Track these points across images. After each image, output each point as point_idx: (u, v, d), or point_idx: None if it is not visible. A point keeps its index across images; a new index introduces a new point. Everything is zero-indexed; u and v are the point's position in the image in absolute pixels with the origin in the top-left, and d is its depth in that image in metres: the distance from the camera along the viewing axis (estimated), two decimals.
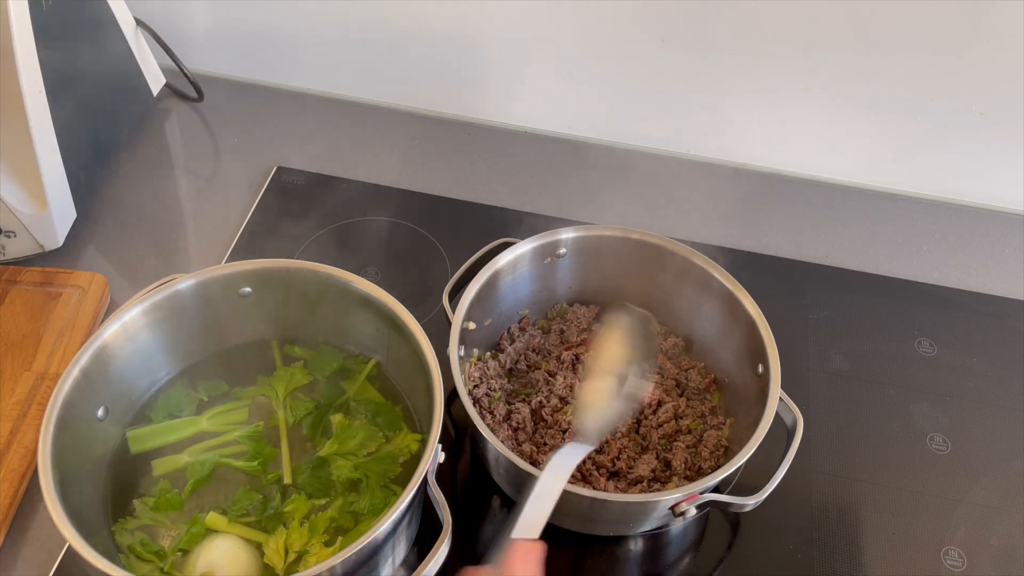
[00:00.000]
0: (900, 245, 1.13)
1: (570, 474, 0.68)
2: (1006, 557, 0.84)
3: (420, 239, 1.08)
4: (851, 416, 0.94)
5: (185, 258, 1.06)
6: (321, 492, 0.76)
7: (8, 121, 0.93)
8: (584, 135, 1.24)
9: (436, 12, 1.14)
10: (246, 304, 0.83)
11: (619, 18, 1.10)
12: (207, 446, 0.79)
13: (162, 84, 1.23)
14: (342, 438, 0.79)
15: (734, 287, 0.85)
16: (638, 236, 0.89)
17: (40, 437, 0.67)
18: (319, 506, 0.76)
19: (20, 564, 0.80)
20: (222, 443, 0.79)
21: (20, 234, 0.98)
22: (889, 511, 0.86)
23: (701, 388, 0.90)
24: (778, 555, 0.83)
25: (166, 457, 0.78)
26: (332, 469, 0.78)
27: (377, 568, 0.71)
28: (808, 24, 1.05)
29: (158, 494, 0.75)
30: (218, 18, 1.23)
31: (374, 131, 1.23)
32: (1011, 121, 1.08)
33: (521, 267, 0.89)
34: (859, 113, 1.12)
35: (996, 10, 0.99)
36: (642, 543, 0.83)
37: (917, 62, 1.06)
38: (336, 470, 0.78)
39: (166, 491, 0.76)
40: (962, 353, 1.00)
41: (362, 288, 0.80)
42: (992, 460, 0.91)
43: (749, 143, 1.20)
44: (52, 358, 0.91)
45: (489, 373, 0.89)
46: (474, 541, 0.83)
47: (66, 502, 0.65)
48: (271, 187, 1.13)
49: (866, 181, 1.20)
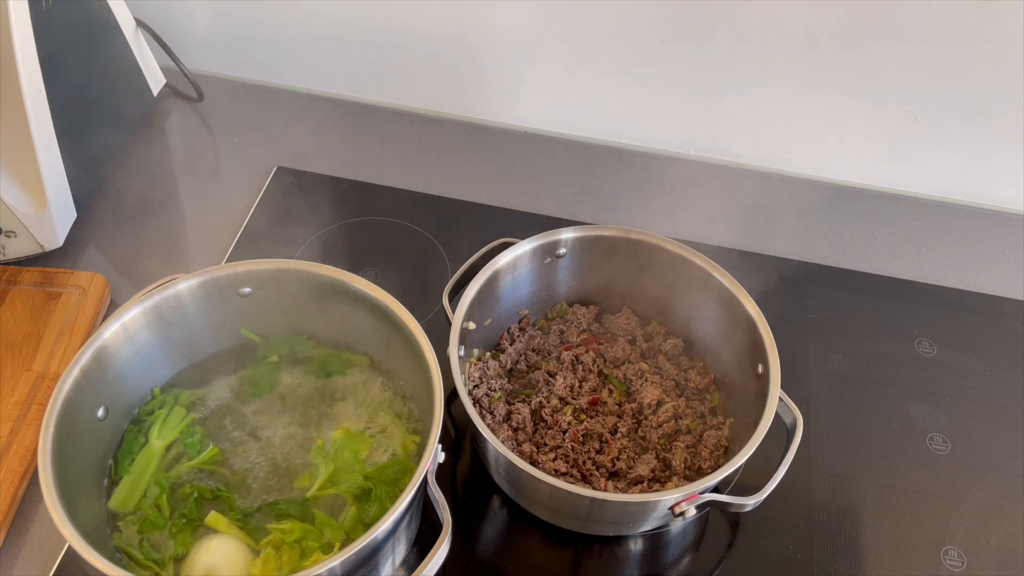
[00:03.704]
0: (900, 245, 1.13)
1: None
2: (1006, 557, 0.84)
3: (420, 239, 1.08)
4: (851, 416, 0.94)
5: (185, 258, 1.06)
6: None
7: (8, 121, 0.93)
8: (584, 135, 1.24)
9: (437, 12, 1.15)
10: (246, 304, 0.83)
11: (619, 18, 1.10)
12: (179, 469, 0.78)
13: (162, 84, 1.23)
14: (336, 458, 0.79)
15: (734, 287, 0.85)
16: (638, 236, 0.89)
17: (40, 437, 0.67)
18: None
19: (20, 564, 0.80)
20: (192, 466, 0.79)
21: (20, 234, 0.98)
22: (889, 511, 0.86)
23: (701, 388, 0.90)
24: (778, 555, 0.83)
25: (121, 492, 0.76)
26: (342, 483, 0.77)
27: (377, 568, 0.71)
28: (808, 24, 1.05)
29: (138, 520, 0.74)
30: (218, 18, 1.23)
31: (374, 131, 1.23)
32: (1011, 121, 1.08)
33: (521, 267, 0.89)
34: (859, 113, 1.12)
35: (996, 10, 0.99)
36: (642, 543, 0.83)
37: (917, 62, 1.06)
38: (346, 479, 0.77)
39: (147, 511, 0.75)
40: (962, 353, 1.00)
41: (362, 288, 0.80)
42: (992, 460, 0.91)
43: (749, 143, 1.20)
44: (52, 358, 0.91)
45: (489, 373, 0.89)
46: (474, 541, 0.83)
47: (66, 502, 0.65)
48: (271, 187, 1.13)
49: (866, 181, 1.20)
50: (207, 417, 0.82)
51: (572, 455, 0.83)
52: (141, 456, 0.78)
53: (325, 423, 0.82)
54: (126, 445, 0.78)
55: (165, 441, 0.79)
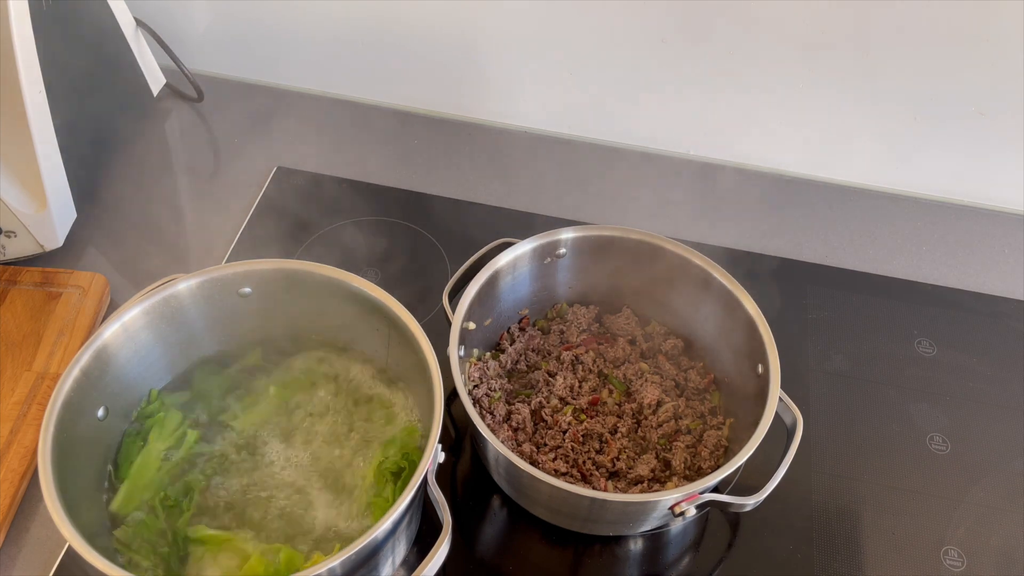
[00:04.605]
0: (900, 245, 1.13)
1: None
2: (1006, 557, 0.84)
3: (420, 239, 1.08)
4: (851, 416, 0.94)
5: (185, 258, 1.06)
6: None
7: (8, 121, 0.93)
8: (584, 135, 1.24)
9: (436, 12, 1.15)
10: (246, 304, 0.83)
11: (619, 18, 1.10)
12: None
13: (162, 84, 1.23)
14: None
15: (734, 287, 0.85)
16: (638, 236, 0.89)
17: (40, 437, 0.67)
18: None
19: (20, 564, 0.80)
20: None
21: (20, 234, 0.98)
22: (889, 511, 0.86)
23: (701, 388, 0.90)
24: (778, 555, 0.83)
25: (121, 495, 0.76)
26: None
27: (377, 568, 0.71)
28: (808, 24, 1.05)
29: (133, 523, 0.74)
30: (218, 18, 1.23)
31: (374, 131, 1.23)
32: (1011, 121, 1.08)
33: (521, 267, 0.89)
34: (859, 113, 1.12)
35: (996, 10, 0.99)
36: (642, 543, 0.83)
37: (917, 62, 1.06)
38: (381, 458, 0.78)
39: (147, 513, 0.75)
40: (962, 353, 1.00)
41: (362, 288, 0.80)
42: (992, 460, 0.91)
43: (749, 143, 1.20)
44: (52, 358, 0.91)
45: (489, 373, 0.89)
46: (474, 541, 0.83)
47: (66, 502, 0.65)
48: (271, 187, 1.13)
49: (866, 181, 1.20)
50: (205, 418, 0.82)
51: (572, 455, 0.83)
52: (139, 459, 0.77)
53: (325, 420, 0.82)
54: (125, 449, 0.78)
55: (163, 444, 0.79)
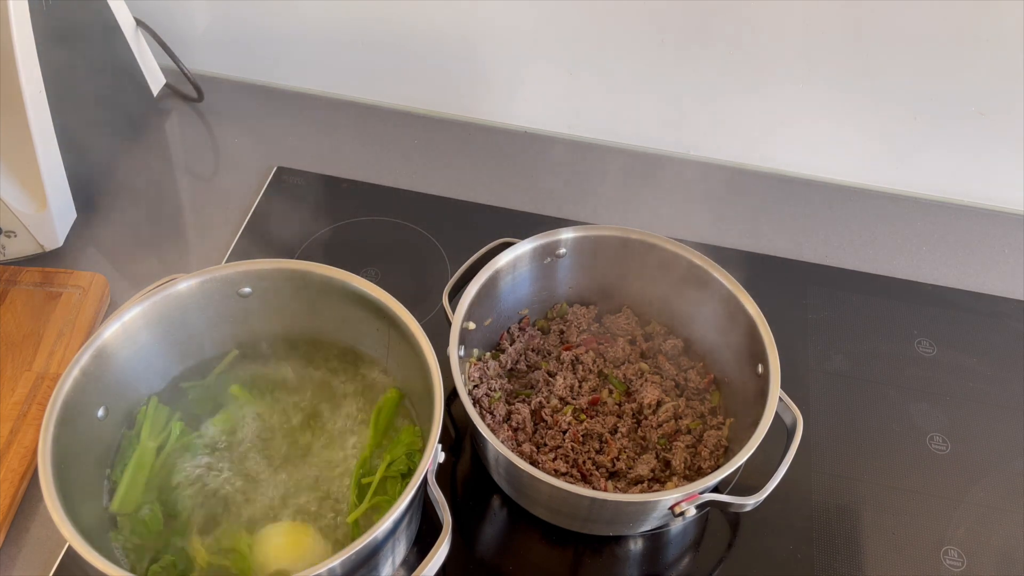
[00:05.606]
0: (900, 245, 1.13)
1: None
2: (1006, 557, 0.84)
3: (420, 239, 1.08)
4: (851, 416, 0.94)
5: (185, 258, 1.06)
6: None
7: (8, 121, 0.93)
8: (584, 135, 1.24)
9: (436, 12, 1.15)
10: (246, 304, 0.83)
11: (619, 18, 1.10)
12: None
13: (162, 84, 1.23)
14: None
15: (734, 287, 0.85)
16: (638, 236, 0.89)
17: (40, 437, 0.67)
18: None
19: (20, 564, 0.80)
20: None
21: (20, 234, 0.98)
22: (889, 511, 0.86)
23: (701, 388, 0.90)
24: (778, 555, 0.83)
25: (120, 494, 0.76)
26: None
27: (377, 568, 0.71)
28: (808, 24, 1.05)
29: (132, 522, 0.74)
30: (218, 18, 1.23)
31: (374, 131, 1.23)
32: (1011, 121, 1.08)
33: (521, 267, 0.89)
34: (859, 113, 1.12)
35: (996, 10, 0.99)
36: (642, 543, 0.83)
37: (917, 62, 1.06)
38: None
39: (136, 517, 0.74)
40: (962, 353, 1.00)
41: (362, 288, 0.80)
42: (992, 460, 0.91)
43: (749, 143, 1.20)
44: (52, 358, 0.91)
45: (489, 373, 0.89)
46: (474, 541, 0.83)
47: (66, 502, 0.65)
48: (271, 187, 1.13)
49: (866, 181, 1.20)
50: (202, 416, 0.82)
51: (572, 455, 0.83)
52: (134, 458, 0.77)
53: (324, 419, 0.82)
54: (122, 450, 0.78)
55: (155, 442, 0.79)
